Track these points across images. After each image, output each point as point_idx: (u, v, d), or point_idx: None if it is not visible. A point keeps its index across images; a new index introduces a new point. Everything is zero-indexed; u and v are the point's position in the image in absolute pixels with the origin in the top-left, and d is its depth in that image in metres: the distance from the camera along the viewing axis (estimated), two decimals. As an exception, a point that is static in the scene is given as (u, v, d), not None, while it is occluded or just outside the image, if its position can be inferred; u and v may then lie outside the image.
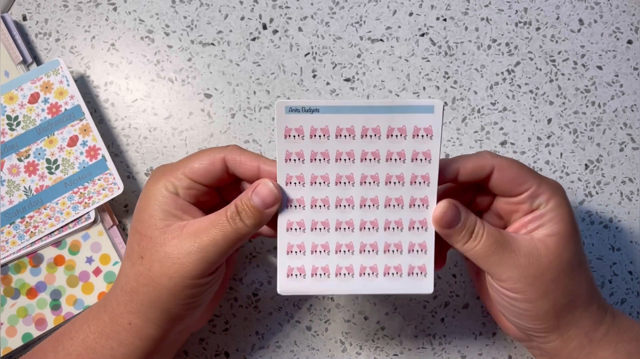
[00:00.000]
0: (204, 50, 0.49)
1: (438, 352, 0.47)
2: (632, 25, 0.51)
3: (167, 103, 0.48)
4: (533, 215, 0.33)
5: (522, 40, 0.50)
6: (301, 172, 0.33)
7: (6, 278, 0.44)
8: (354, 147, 0.32)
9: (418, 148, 0.32)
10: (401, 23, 0.50)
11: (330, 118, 0.32)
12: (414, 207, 0.33)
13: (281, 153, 0.32)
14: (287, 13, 0.50)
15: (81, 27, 0.49)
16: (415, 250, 0.34)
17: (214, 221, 0.32)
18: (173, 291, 0.32)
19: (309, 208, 0.33)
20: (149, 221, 0.33)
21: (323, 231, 0.34)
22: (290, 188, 0.33)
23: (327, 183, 0.33)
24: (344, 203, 0.33)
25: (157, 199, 0.33)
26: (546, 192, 0.33)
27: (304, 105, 0.32)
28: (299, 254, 0.34)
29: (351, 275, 0.34)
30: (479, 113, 0.49)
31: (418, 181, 0.33)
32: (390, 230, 0.33)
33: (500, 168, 0.33)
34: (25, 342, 0.43)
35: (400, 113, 0.32)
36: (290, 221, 0.33)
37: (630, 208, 0.49)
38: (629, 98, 0.50)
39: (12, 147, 0.45)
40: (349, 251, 0.34)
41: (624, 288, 0.48)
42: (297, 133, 0.32)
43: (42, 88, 0.45)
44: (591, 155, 0.49)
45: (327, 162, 0.33)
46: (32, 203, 0.44)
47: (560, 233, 0.32)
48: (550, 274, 0.32)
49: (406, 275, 0.34)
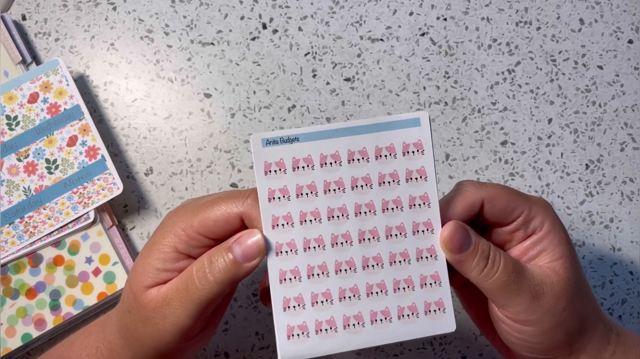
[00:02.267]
0: (203, 49, 0.49)
1: (438, 353, 0.47)
2: (633, 25, 0.51)
3: (167, 103, 0.48)
4: (531, 240, 0.31)
5: (523, 40, 0.50)
6: (288, 211, 0.29)
7: (5, 278, 0.44)
8: (342, 175, 0.29)
9: (411, 166, 0.30)
10: (401, 22, 0.50)
11: (312, 146, 0.29)
12: (418, 234, 0.30)
13: (263, 192, 0.29)
14: (287, 12, 0.50)
15: (80, 27, 0.49)
16: (429, 283, 0.30)
17: (182, 278, 0.30)
18: (159, 349, 0.31)
19: (302, 251, 0.29)
20: (140, 275, 0.31)
21: (322, 276, 0.30)
22: (278, 231, 0.29)
23: (318, 220, 0.29)
24: (341, 240, 0.30)
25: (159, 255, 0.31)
26: (539, 214, 0.31)
27: (282, 136, 0.29)
28: (298, 309, 0.29)
29: (361, 324, 0.30)
30: (479, 113, 0.49)
31: (417, 203, 0.30)
32: (397, 264, 0.30)
33: (489, 200, 0.31)
34: (25, 342, 0.43)
35: (386, 131, 0.29)
36: (283, 271, 0.29)
37: (631, 208, 0.48)
38: (630, 98, 0.50)
39: (11, 146, 0.44)
40: (354, 296, 0.30)
41: (625, 288, 0.48)
42: (278, 167, 0.29)
43: (41, 88, 0.45)
44: (592, 155, 0.49)
45: (315, 195, 0.29)
46: (31, 203, 0.44)
47: (564, 255, 0.31)
48: (563, 301, 0.30)
49: (423, 314, 0.30)
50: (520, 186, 0.48)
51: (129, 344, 0.32)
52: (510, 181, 0.48)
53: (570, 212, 0.48)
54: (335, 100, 0.49)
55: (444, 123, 0.49)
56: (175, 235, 0.31)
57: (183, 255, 0.31)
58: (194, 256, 0.31)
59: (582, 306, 0.31)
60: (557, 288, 0.30)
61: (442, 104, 0.49)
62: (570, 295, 0.30)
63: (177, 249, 0.30)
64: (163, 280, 0.31)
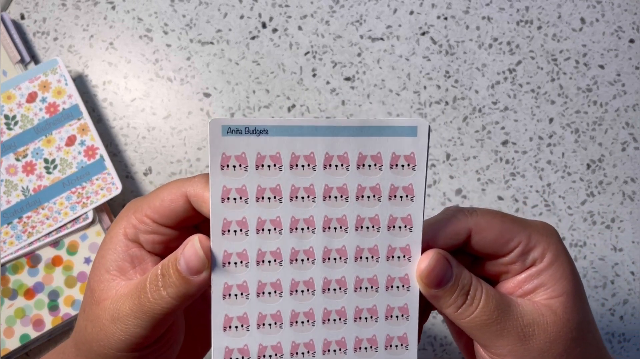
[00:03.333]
0: (203, 49, 0.49)
1: (439, 353, 0.47)
2: (634, 24, 0.50)
3: (166, 103, 0.48)
4: (529, 272, 0.27)
5: (524, 39, 0.50)
6: (244, 216, 0.25)
7: (4, 278, 0.44)
8: (315, 181, 0.25)
9: (397, 183, 0.26)
10: (402, 22, 0.50)
11: (283, 143, 0.25)
12: (393, 260, 0.26)
13: (216, 190, 0.25)
14: (287, 12, 0.49)
15: (79, 26, 0.49)
16: (395, 316, 0.27)
17: (136, 286, 0.26)
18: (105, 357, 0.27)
19: (255, 265, 0.26)
20: (96, 269, 0.28)
21: (274, 296, 0.26)
22: (228, 239, 0.25)
23: (279, 230, 0.25)
24: (302, 256, 0.26)
25: (110, 246, 0.28)
26: (540, 244, 0.27)
27: (248, 125, 0.24)
28: (241, 330, 0.26)
29: (312, 353, 0.26)
30: (480, 113, 0.49)
31: (398, 225, 0.26)
32: (363, 290, 0.26)
33: (478, 230, 0.27)
34: (23, 343, 0.43)
35: (375, 136, 0.25)
36: (229, 285, 0.25)
37: (632, 208, 0.48)
38: (631, 98, 0.49)
39: (9, 146, 0.44)
40: (308, 321, 0.26)
41: (626, 288, 0.48)
42: (239, 162, 0.25)
43: (40, 88, 0.45)
44: (593, 155, 0.49)
45: (279, 201, 0.25)
46: (29, 203, 0.44)
47: (566, 292, 0.27)
48: (559, 346, 0.26)
49: (383, 349, 0.27)
50: (521, 186, 0.48)
51: (78, 350, 0.28)
52: (511, 181, 0.48)
53: (572, 212, 0.48)
54: (335, 100, 0.49)
55: (444, 122, 0.49)
56: (127, 220, 0.28)
57: (133, 242, 0.28)
58: (142, 242, 0.28)
59: (585, 353, 0.27)
60: (551, 330, 0.26)
61: (443, 104, 0.49)
62: (568, 340, 0.27)
63: (126, 235, 0.28)
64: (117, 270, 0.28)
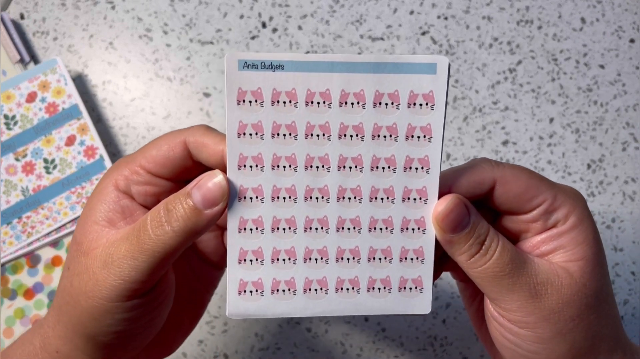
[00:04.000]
0: (202, 48, 0.49)
1: (439, 354, 0.47)
2: (635, 24, 0.50)
3: (166, 103, 0.48)
4: (549, 233, 0.26)
5: (524, 39, 0.50)
6: (259, 152, 0.25)
7: (3, 278, 0.43)
8: (330, 119, 0.25)
9: (415, 122, 0.25)
10: (402, 21, 0.50)
11: (299, 79, 0.24)
12: (409, 201, 0.26)
13: (233, 124, 0.25)
14: (287, 11, 0.49)
15: (79, 26, 0.49)
16: (410, 258, 0.26)
17: (134, 227, 0.25)
18: (93, 314, 0.25)
19: (270, 201, 0.25)
20: (83, 222, 0.27)
21: (288, 232, 0.26)
22: (244, 173, 0.25)
23: (294, 167, 0.25)
24: (316, 194, 0.26)
25: (100, 197, 0.27)
26: (564, 206, 0.26)
27: (264, 60, 0.24)
28: (255, 263, 0.26)
29: (324, 290, 0.26)
30: (480, 113, 0.49)
31: (414, 166, 0.26)
32: (377, 231, 0.26)
33: (503, 182, 0.26)
34: (23, 343, 0.43)
35: (392, 73, 0.25)
36: (244, 219, 0.26)
37: (632, 208, 0.48)
38: (632, 98, 0.49)
39: (9, 146, 0.44)
40: (322, 259, 0.26)
41: (627, 289, 0.47)
42: (255, 98, 0.24)
43: (39, 87, 0.45)
44: (593, 155, 0.49)
45: (294, 138, 0.25)
46: (29, 203, 0.44)
47: (586, 258, 0.26)
48: (572, 309, 0.26)
49: (396, 291, 0.27)
50: (522, 186, 0.48)
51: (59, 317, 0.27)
52: (512, 181, 0.48)
53: (572, 212, 0.48)
54: (335, 100, 0.49)
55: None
56: (118, 172, 0.27)
57: (124, 193, 0.27)
58: (133, 194, 0.27)
59: (599, 323, 0.26)
60: (566, 292, 0.26)
61: (443, 104, 0.49)
62: (583, 305, 0.26)
63: (117, 186, 0.27)
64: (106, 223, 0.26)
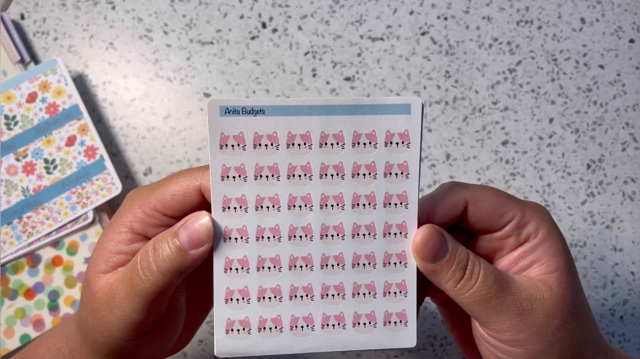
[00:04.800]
0: (203, 49, 0.49)
1: (439, 353, 0.47)
2: (634, 24, 0.50)
3: (166, 103, 0.48)
4: (523, 249, 0.28)
5: (524, 39, 0.50)
6: (243, 194, 0.26)
7: (4, 278, 0.44)
8: (311, 160, 0.26)
9: (392, 160, 0.26)
10: (402, 22, 0.50)
11: (279, 122, 0.25)
12: (390, 236, 0.27)
13: (216, 168, 0.26)
14: (287, 12, 0.49)
15: (79, 26, 0.49)
16: (393, 292, 0.27)
17: (126, 268, 0.27)
18: (110, 346, 0.28)
19: (254, 240, 0.27)
20: (94, 260, 0.28)
21: (273, 270, 0.27)
22: (229, 215, 0.26)
23: (277, 207, 0.26)
24: (300, 233, 0.27)
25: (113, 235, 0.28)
26: (533, 219, 0.27)
27: (245, 105, 0.25)
28: (242, 302, 0.27)
29: (311, 327, 0.27)
30: (480, 113, 0.49)
31: (393, 202, 0.27)
32: (360, 267, 0.27)
33: (474, 201, 0.27)
34: (23, 343, 0.43)
35: (369, 115, 0.26)
36: (230, 259, 0.27)
37: (632, 208, 0.48)
38: (631, 98, 0.49)
39: (9, 146, 0.44)
40: (307, 296, 0.27)
41: (626, 289, 0.48)
42: (237, 142, 0.26)
43: (40, 88, 0.45)
44: (593, 155, 0.49)
45: (276, 179, 0.26)
46: (29, 203, 0.44)
47: (560, 268, 0.27)
48: (557, 320, 0.27)
49: (381, 325, 0.27)
50: (522, 186, 0.48)
51: (84, 339, 0.29)
52: (511, 181, 0.48)
53: (572, 212, 0.48)
54: (335, 100, 0.49)
55: (444, 122, 0.49)
56: (132, 213, 0.28)
57: (139, 235, 0.28)
58: (150, 236, 0.28)
59: (581, 330, 0.28)
60: (548, 304, 0.27)
61: (443, 104, 0.49)
62: (565, 314, 0.27)
63: (132, 228, 0.28)
64: (116, 264, 0.28)
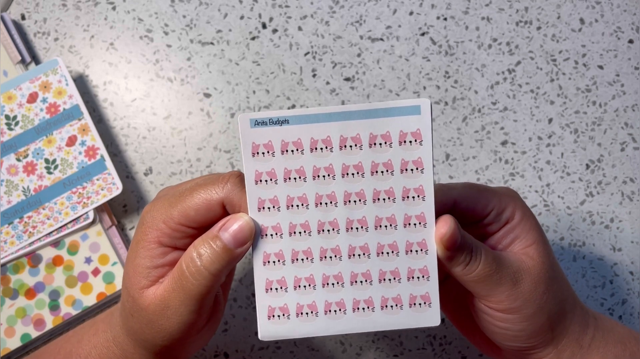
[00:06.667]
0: (203, 49, 0.49)
1: (438, 353, 0.47)
2: (633, 25, 0.50)
3: (166, 103, 0.48)
4: (504, 230, 0.32)
5: (523, 40, 0.50)
6: (275, 195, 0.29)
7: (5, 278, 0.44)
8: (333, 161, 0.29)
9: (407, 157, 0.29)
10: (401, 22, 0.50)
11: (302, 130, 0.28)
12: (410, 227, 0.29)
13: (250, 174, 0.29)
14: (287, 12, 0.50)
15: (80, 27, 0.49)
16: (416, 277, 0.30)
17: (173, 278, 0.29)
18: (170, 347, 0.31)
19: (288, 236, 0.29)
20: (133, 277, 0.31)
21: (306, 261, 0.30)
22: (264, 214, 0.29)
23: (305, 205, 0.29)
24: (327, 227, 0.29)
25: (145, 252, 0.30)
26: (509, 205, 0.32)
27: (272, 117, 0.28)
28: (280, 291, 0.30)
29: (343, 311, 0.30)
30: (479, 113, 0.49)
31: (411, 195, 0.29)
32: (384, 255, 0.30)
33: (461, 200, 0.31)
34: (24, 343, 0.43)
35: (382, 117, 0.28)
36: (267, 254, 0.30)
37: (631, 208, 0.48)
38: (630, 98, 0.49)
39: (10, 146, 0.44)
40: (338, 283, 0.30)
41: (625, 288, 0.48)
42: (267, 149, 0.29)
43: (40, 88, 0.45)
44: (592, 155, 0.49)
45: (303, 181, 0.29)
46: (30, 203, 0.44)
47: (537, 240, 0.32)
48: (542, 284, 0.31)
49: (407, 307, 0.30)
50: (521, 186, 0.48)
51: (139, 343, 0.32)
52: (511, 182, 0.48)
53: (571, 212, 0.48)
54: (335, 100, 0.49)
55: (444, 123, 0.49)
56: (157, 229, 0.30)
57: (169, 247, 0.30)
58: (180, 247, 0.30)
59: (560, 289, 0.32)
60: (534, 272, 0.31)
61: (442, 104, 0.49)
62: (547, 278, 0.31)
63: (161, 243, 0.30)
64: (157, 277, 0.30)
